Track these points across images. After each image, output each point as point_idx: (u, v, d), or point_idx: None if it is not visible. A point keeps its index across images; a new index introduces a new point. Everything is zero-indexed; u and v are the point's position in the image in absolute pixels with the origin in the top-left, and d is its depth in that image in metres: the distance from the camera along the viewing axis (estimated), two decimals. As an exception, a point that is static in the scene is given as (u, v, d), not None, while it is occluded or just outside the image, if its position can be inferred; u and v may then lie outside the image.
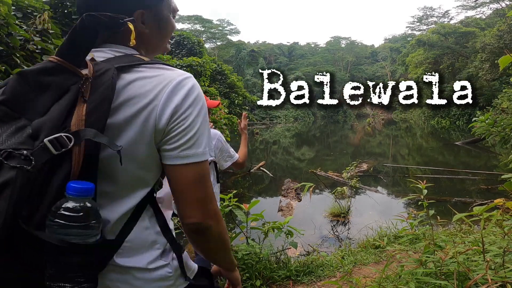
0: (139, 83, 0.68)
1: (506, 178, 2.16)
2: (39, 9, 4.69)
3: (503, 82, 20.75)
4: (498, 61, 1.30)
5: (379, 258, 3.34)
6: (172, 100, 0.68)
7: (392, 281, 2.00)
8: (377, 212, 6.04)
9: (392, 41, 66.29)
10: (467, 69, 28.08)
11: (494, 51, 21.92)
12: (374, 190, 7.74)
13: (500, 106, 11.10)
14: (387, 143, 20.84)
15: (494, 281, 1.19)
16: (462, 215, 1.34)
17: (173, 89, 0.69)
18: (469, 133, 13.54)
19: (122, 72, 0.68)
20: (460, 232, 3.53)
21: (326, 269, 3.07)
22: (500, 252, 1.38)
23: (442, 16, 41.20)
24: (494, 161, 10.95)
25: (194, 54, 15.80)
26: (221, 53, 49.98)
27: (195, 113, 0.71)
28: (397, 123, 38.34)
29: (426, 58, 31.72)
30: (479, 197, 6.64)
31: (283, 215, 5.93)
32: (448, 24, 33.55)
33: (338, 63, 63.62)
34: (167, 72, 0.72)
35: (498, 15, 28.24)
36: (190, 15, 49.66)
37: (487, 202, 4.40)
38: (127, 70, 0.69)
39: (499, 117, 4.38)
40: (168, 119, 0.68)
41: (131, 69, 0.70)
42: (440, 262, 1.46)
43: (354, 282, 1.65)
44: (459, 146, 14.87)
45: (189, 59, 12.24)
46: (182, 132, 0.69)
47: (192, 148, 0.70)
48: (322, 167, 9.99)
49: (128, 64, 0.70)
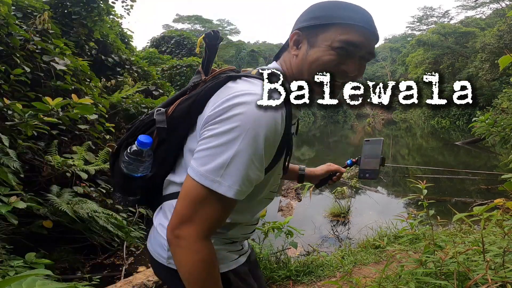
0: (222, 91, 0.76)
1: (506, 178, 2.16)
2: (39, 9, 4.69)
3: (503, 82, 20.73)
4: (498, 61, 1.30)
5: (379, 258, 3.34)
6: (210, 107, 0.75)
7: (392, 281, 2.00)
8: (377, 212, 6.04)
9: (392, 41, 66.24)
10: (467, 69, 28.06)
11: (494, 51, 21.91)
12: (374, 190, 7.73)
13: (500, 106, 11.09)
14: (387, 143, 20.81)
15: (494, 281, 1.19)
16: (462, 215, 1.34)
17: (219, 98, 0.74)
18: (469, 133, 13.53)
19: (230, 80, 0.78)
20: (460, 232, 3.52)
21: (326, 269, 3.07)
22: (500, 252, 1.38)
23: (442, 16, 41.21)
24: (494, 161, 10.95)
25: (194, 54, 15.79)
26: (221, 53, 49.96)
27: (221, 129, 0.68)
28: (397, 123, 38.32)
29: (426, 58, 31.71)
30: (479, 197, 6.63)
31: (283, 215, 5.92)
32: (448, 24, 33.54)
33: (338, 63, 63.58)
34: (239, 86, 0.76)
35: (498, 15, 28.23)
36: (190, 15, 49.73)
37: (487, 202, 4.40)
38: (233, 79, 0.78)
39: (499, 117, 4.38)
40: (202, 124, 0.74)
41: (236, 79, 0.78)
42: (440, 262, 1.46)
43: (354, 282, 1.65)
44: (459, 146, 14.86)
45: (189, 59, 12.24)
46: (203, 140, 0.71)
47: (203, 165, 0.68)
48: (322, 167, 9.97)
49: (235, 75, 0.79)
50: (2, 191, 2.48)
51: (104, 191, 3.92)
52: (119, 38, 7.94)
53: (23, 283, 0.96)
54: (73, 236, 3.42)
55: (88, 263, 3.48)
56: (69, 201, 3.20)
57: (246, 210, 0.86)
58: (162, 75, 10.78)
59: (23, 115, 2.78)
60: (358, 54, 0.80)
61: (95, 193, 3.73)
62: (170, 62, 11.90)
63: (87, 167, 3.63)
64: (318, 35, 0.80)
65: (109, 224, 3.29)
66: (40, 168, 3.41)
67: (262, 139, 0.67)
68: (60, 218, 3.12)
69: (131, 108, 5.60)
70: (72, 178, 3.50)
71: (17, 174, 2.77)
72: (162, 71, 11.20)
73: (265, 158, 0.70)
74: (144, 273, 2.90)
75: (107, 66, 6.63)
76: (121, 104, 5.50)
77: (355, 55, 0.80)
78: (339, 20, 0.78)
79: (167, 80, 9.96)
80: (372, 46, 0.82)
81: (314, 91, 0.75)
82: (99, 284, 2.72)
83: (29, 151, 3.35)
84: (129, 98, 5.71)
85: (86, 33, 6.10)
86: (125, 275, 3.13)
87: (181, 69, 11.37)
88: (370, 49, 0.82)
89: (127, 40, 9.29)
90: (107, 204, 3.82)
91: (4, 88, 3.25)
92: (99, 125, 4.38)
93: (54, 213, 3.09)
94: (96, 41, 6.39)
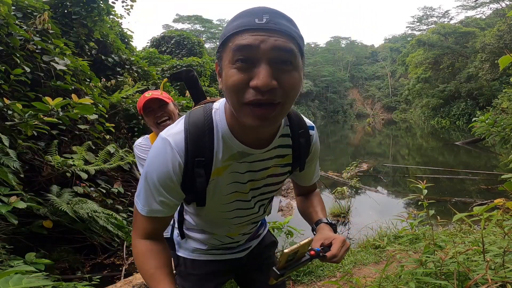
0: None
1: (506, 178, 2.16)
2: (39, 9, 4.68)
3: (503, 82, 20.73)
4: (498, 61, 1.30)
5: (379, 258, 3.33)
6: None
7: (392, 281, 2.00)
8: (377, 212, 6.04)
9: (392, 41, 66.25)
10: (467, 69, 28.06)
11: (494, 51, 21.91)
12: (374, 190, 7.73)
13: (500, 106, 11.09)
14: (387, 143, 20.83)
15: (494, 281, 1.19)
16: (462, 215, 1.34)
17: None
18: (469, 133, 13.53)
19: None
20: (460, 232, 3.52)
21: (326, 269, 3.07)
22: (500, 252, 1.38)
23: (442, 16, 41.21)
24: (494, 161, 10.94)
25: (194, 54, 15.78)
26: (221, 53, 49.90)
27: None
28: (397, 123, 38.32)
29: (426, 58, 31.70)
30: (479, 197, 6.63)
31: (283, 215, 5.93)
32: (448, 24, 33.52)
33: (338, 63, 63.59)
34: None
35: (498, 15, 28.22)
36: (190, 15, 49.71)
37: (487, 202, 4.40)
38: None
39: (499, 117, 4.38)
40: None
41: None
42: (440, 262, 1.46)
43: (354, 282, 1.65)
44: (459, 146, 14.86)
45: (189, 59, 12.24)
46: None
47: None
48: (322, 167, 9.99)
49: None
50: (2, 191, 2.48)
51: (104, 191, 3.92)
52: (119, 38, 7.94)
53: (9, 281, 0.96)
54: (73, 236, 3.42)
55: (88, 263, 3.48)
56: (69, 201, 3.20)
57: (201, 222, 1.06)
58: (162, 75, 10.78)
59: (23, 115, 2.78)
60: (262, 58, 0.65)
61: (95, 193, 3.73)
62: (170, 62, 11.90)
63: (87, 167, 3.63)
64: (222, 56, 0.71)
65: (109, 224, 3.29)
66: (40, 168, 3.41)
67: (155, 178, 0.82)
68: (60, 218, 3.12)
69: (131, 108, 5.59)
70: (72, 178, 3.50)
71: (17, 174, 2.77)
72: (162, 71, 11.19)
73: (169, 194, 0.83)
74: (144, 273, 2.89)
75: (107, 66, 6.63)
76: (121, 104, 5.50)
77: (258, 62, 0.65)
78: (229, 32, 0.68)
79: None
80: (273, 41, 0.65)
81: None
82: (99, 284, 2.72)
83: (29, 151, 3.35)
84: (129, 98, 5.70)
85: (86, 33, 6.10)
86: (125, 275, 3.13)
87: (181, 69, 11.35)
88: (272, 45, 0.65)
89: (127, 40, 9.29)
90: (107, 204, 3.82)
91: (4, 88, 3.25)
92: (99, 125, 4.38)
93: (54, 213, 3.09)
94: (96, 41, 6.39)
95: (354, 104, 60.15)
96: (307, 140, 0.95)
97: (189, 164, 0.80)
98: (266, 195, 1.00)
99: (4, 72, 3.29)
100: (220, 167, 0.84)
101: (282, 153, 0.92)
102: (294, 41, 0.68)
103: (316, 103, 53.28)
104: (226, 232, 1.07)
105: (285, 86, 0.68)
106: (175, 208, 0.88)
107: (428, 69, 32.26)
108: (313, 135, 0.98)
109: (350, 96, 60.91)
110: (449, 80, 30.06)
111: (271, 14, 0.67)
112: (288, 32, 0.67)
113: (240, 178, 0.89)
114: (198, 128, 0.81)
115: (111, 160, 4.10)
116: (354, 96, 61.39)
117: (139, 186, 0.86)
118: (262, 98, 0.66)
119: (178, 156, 0.79)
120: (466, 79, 27.86)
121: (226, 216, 0.99)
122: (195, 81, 1.08)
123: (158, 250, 0.88)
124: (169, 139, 0.80)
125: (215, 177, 0.85)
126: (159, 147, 0.80)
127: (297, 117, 0.94)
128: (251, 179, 0.91)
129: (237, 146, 0.82)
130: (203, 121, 0.82)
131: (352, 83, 61.86)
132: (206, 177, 0.83)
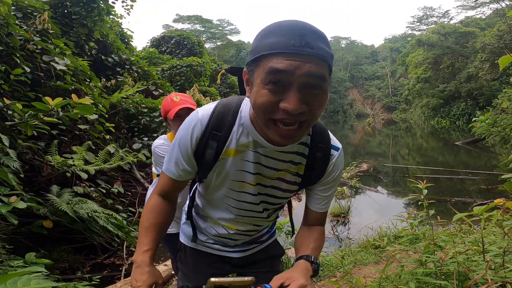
0: None
1: (506, 178, 2.16)
2: (39, 9, 4.68)
3: (503, 82, 20.74)
4: (498, 61, 1.30)
5: (379, 258, 3.33)
6: None
7: (392, 281, 2.00)
8: (377, 212, 6.04)
9: (392, 41, 66.25)
10: (467, 69, 28.07)
11: (494, 51, 21.92)
12: (374, 190, 7.73)
13: (500, 106, 11.09)
14: (387, 143, 20.83)
15: (494, 281, 1.19)
16: (462, 215, 1.34)
17: None
18: (469, 133, 13.53)
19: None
20: (460, 232, 3.52)
21: (326, 269, 3.07)
22: (500, 252, 1.38)
23: (442, 16, 41.24)
24: (494, 161, 10.95)
25: (194, 54, 15.79)
26: (221, 53, 49.97)
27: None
28: (397, 123, 38.33)
29: (426, 58, 31.72)
30: (479, 197, 6.63)
31: (283, 215, 5.92)
32: (448, 24, 33.55)
33: (338, 63, 63.58)
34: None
35: (498, 15, 28.23)
36: (190, 15, 49.71)
37: (487, 202, 4.40)
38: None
39: (499, 117, 4.38)
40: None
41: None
42: (440, 262, 1.46)
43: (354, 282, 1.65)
44: (459, 146, 14.86)
45: (189, 59, 12.23)
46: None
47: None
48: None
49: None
50: (2, 191, 2.48)
51: (104, 191, 3.93)
52: (119, 38, 7.94)
53: (18, 282, 0.96)
54: (73, 236, 3.42)
55: (88, 263, 3.48)
56: (69, 201, 3.20)
57: (207, 205, 1.08)
58: (162, 75, 10.78)
59: (23, 115, 2.78)
60: (295, 83, 0.67)
61: (95, 193, 3.73)
62: (170, 62, 11.90)
63: (87, 167, 3.63)
64: (254, 71, 0.72)
65: (109, 224, 3.29)
66: (40, 168, 3.41)
67: (178, 142, 0.92)
68: (60, 218, 3.12)
69: (131, 108, 5.60)
70: (72, 178, 3.50)
71: (17, 174, 2.77)
72: (162, 71, 11.20)
73: (184, 158, 0.93)
74: (144, 273, 2.89)
75: (107, 66, 6.63)
76: (121, 104, 5.50)
77: (290, 86, 0.67)
78: (263, 51, 0.68)
79: (167, 80, 9.96)
80: (307, 68, 0.66)
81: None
82: (99, 284, 2.72)
83: (29, 151, 3.35)
84: (129, 98, 5.70)
85: (86, 33, 6.10)
86: (125, 275, 3.13)
87: (181, 69, 11.37)
88: (306, 72, 0.66)
89: (127, 40, 9.29)
90: (107, 204, 3.82)
91: (4, 88, 3.25)
92: (99, 125, 4.38)
93: (54, 213, 3.09)
94: (96, 41, 6.39)
95: (354, 104, 60.17)
96: (325, 157, 0.94)
97: (206, 134, 0.89)
98: (272, 198, 1.00)
99: (4, 72, 3.29)
100: (234, 149, 0.89)
101: (296, 160, 0.93)
102: (326, 63, 0.70)
103: (316, 103, 53.12)
104: (225, 222, 1.07)
105: (313, 108, 0.71)
106: (188, 176, 0.97)
107: (428, 69, 32.27)
108: (334, 155, 0.95)
109: (350, 96, 60.92)
110: (449, 80, 30.08)
111: (308, 35, 0.67)
112: (323, 57, 0.68)
113: (249, 168, 0.91)
114: (225, 108, 0.89)
115: (111, 160, 4.11)
116: (354, 96, 61.40)
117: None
118: (291, 119, 0.70)
119: (200, 125, 0.89)
120: (466, 79, 27.87)
121: (230, 203, 1.01)
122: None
123: (162, 208, 1.01)
124: (200, 111, 0.90)
125: (226, 157, 0.90)
126: (190, 118, 0.91)
127: (321, 131, 0.94)
128: (259, 172, 0.93)
129: (253, 135, 0.87)
130: (232, 105, 0.90)
131: (352, 83, 61.86)
132: (216, 151, 0.89)
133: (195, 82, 10.96)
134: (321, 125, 0.95)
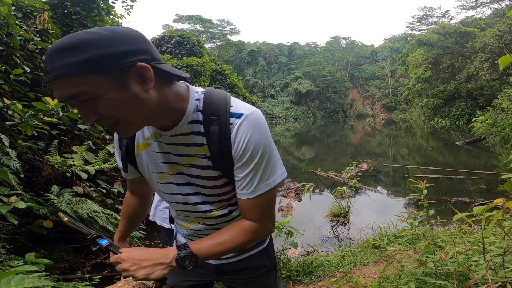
0: None
1: (506, 178, 2.16)
2: (39, 9, 4.68)
3: (503, 82, 20.76)
4: (498, 61, 1.30)
5: (379, 258, 3.33)
6: None
7: (392, 281, 2.00)
8: (377, 212, 6.04)
9: (392, 41, 66.25)
10: (467, 69, 28.07)
11: (494, 51, 21.91)
12: (374, 190, 7.73)
13: (500, 106, 11.09)
14: (387, 143, 20.83)
15: (494, 281, 1.19)
16: (462, 215, 1.34)
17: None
18: (469, 133, 13.53)
19: None
20: (460, 232, 3.52)
21: (326, 269, 3.07)
22: (500, 252, 1.38)
23: (442, 16, 41.16)
24: (494, 161, 10.95)
25: (194, 54, 15.79)
26: (221, 53, 49.96)
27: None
28: (397, 123, 38.32)
29: (426, 58, 31.72)
30: (479, 197, 6.63)
31: (283, 215, 5.93)
32: (448, 24, 33.53)
33: (338, 63, 63.57)
34: None
35: (498, 15, 28.23)
36: (190, 15, 49.67)
37: (487, 202, 4.40)
38: None
39: (499, 117, 4.38)
40: None
41: None
42: (440, 262, 1.46)
43: (354, 282, 1.65)
44: (459, 146, 14.86)
45: (189, 59, 12.24)
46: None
47: None
48: (322, 167, 9.99)
49: None
50: (2, 191, 2.48)
51: (104, 191, 3.92)
52: (119, 38, 7.92)
53: (11, 281, 0.97)
54: (73, 236, 3.42)
55: (88, 263, 3.48)
56: (69, 201, 3.20)
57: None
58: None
59: (23, 115, 2.78)
60: (70, 102, 0.68)
61: (95, 193, 3.73)
62: (170, 62, 11.90)
63: (87, 167, 3.63)
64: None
65: (109, 224, 3.29)
66: (40, 168, 3.41)
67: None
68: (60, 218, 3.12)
69: (131, 108, 5.59)
70: (72, 178, 3.50)
71: (17, 174, 2.77)
72: (162, 71, 11.19)
73: (119, 158, 1.04)
74: (144, 273, 2.90)
75: (107, 66, 6.62)
76: (121, 104, 5.49)
77: (74, 104, 0.69)
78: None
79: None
80: (58, 95, 0.66)
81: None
82: (99, 284, 2.72)
83: (29, 151, 3.35)
84: (129, 98, 5.69)
85: (86, 33, 6.10)
86: (125, 275, 3.13)
87: (181, 69, 11.39)
88: (59, 98, 0.66)
89: (127, 40, 9.26)
90: (107, 204, 3.82)
91: (4, 88, 3.25)
92: (99, 125, 4.38)
93: (54, 213, 3.09)
94: (96, 41, 6.38)
95: (354, 104, 60.15)
96: (223, 129, 0.82)
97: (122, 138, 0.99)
98: (201, 188, 0.93)
99: (4, 72, 3.29)
100: (142, 143, 0.95)
101: (197, 141, 0.86)
102: (72, 77, 0.62)
103: (316, 103, 53.27)
104: (178, 219, 1.10)
105: (106, 113, 0.69)
106: (132, 175, 1.06)
107: (428, 69, 32.27)
108: (235, 123, 0.81)
109: (350, 96, 60.91)
110: (449, 80, 30.08)
111: (48, 59, 0.63)
112: (63, 75, 0.62)
113: (160, 158, 0.94)
114: None
115: (111, 160, 4.11)
116: (354, 96, 61.38)
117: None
118: (104, 124, 0.74)
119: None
120: (466, 79, 27.87)
121: (165, 197, 1.03)
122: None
123: (130, 202, 1.18)
124: None
125: (140, 152, 0.96)
126: None
127: (215, 101, 0.84)
128: (169, 161, 0.92)
129: (151, 127, 0.92)
130: None
131: (352, 83, 61.84)
132: (129, 148, 0.98)
133: (195, 82, 10.96)
134: (218, 94, 0.86)
